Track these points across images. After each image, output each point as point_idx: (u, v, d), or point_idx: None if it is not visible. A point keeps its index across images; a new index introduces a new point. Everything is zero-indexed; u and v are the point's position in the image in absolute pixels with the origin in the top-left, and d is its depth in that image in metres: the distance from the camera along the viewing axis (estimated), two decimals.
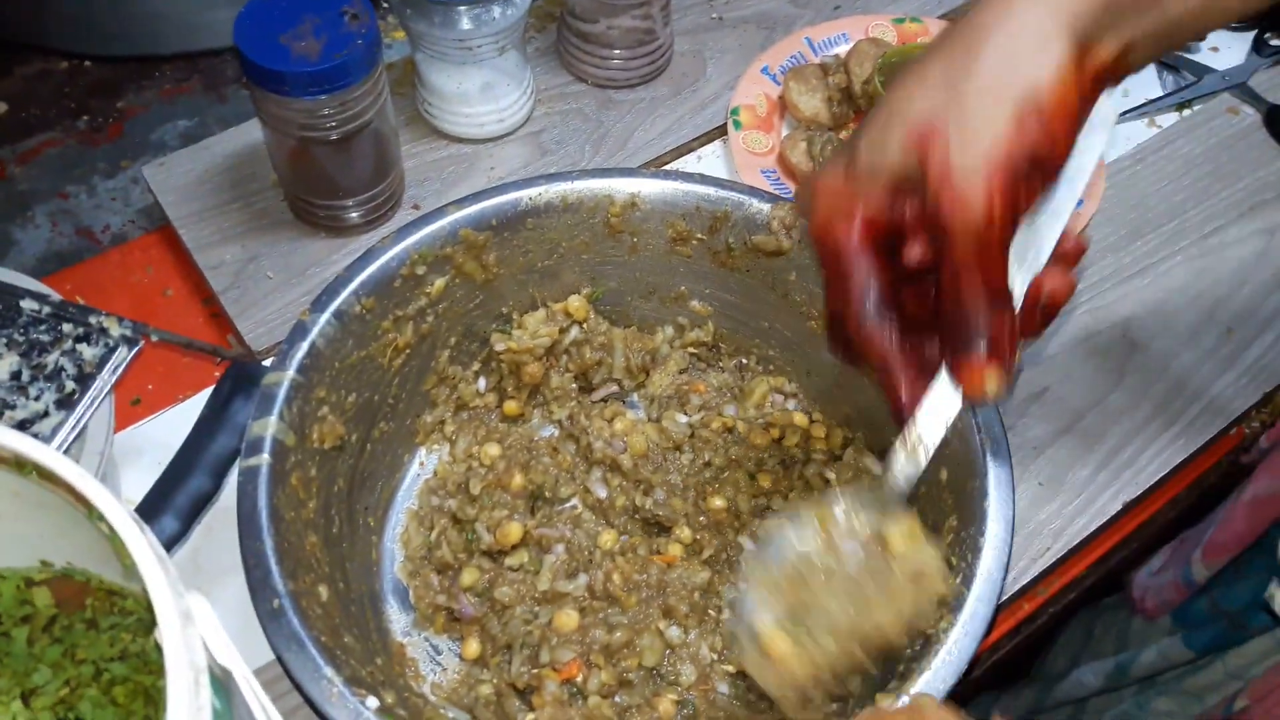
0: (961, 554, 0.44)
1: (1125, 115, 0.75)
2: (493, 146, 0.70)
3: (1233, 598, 0.58)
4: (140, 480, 0.53)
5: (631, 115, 0.73)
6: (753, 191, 0.54)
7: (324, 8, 0.57)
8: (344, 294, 0.50)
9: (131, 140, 0.74)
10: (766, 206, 0.54)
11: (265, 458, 0.44)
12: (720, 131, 0.72)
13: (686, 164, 0.71)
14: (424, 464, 0.56)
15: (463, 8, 0.63)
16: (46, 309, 0.52)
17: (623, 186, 0.55)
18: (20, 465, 0.33)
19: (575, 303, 0.57)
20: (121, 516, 0.30)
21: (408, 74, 0.71)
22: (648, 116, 0.73)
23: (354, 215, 0.65)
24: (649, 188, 0.55)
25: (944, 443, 0.47)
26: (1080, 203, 0.45)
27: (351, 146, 0.61)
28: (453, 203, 0.53)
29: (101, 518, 0.31)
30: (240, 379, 0.49)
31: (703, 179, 0.55)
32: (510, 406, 0.57)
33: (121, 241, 0.69)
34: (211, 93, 0.77)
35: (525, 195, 0.54)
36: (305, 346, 0.48)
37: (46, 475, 0.32)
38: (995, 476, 0.45)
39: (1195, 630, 0.60)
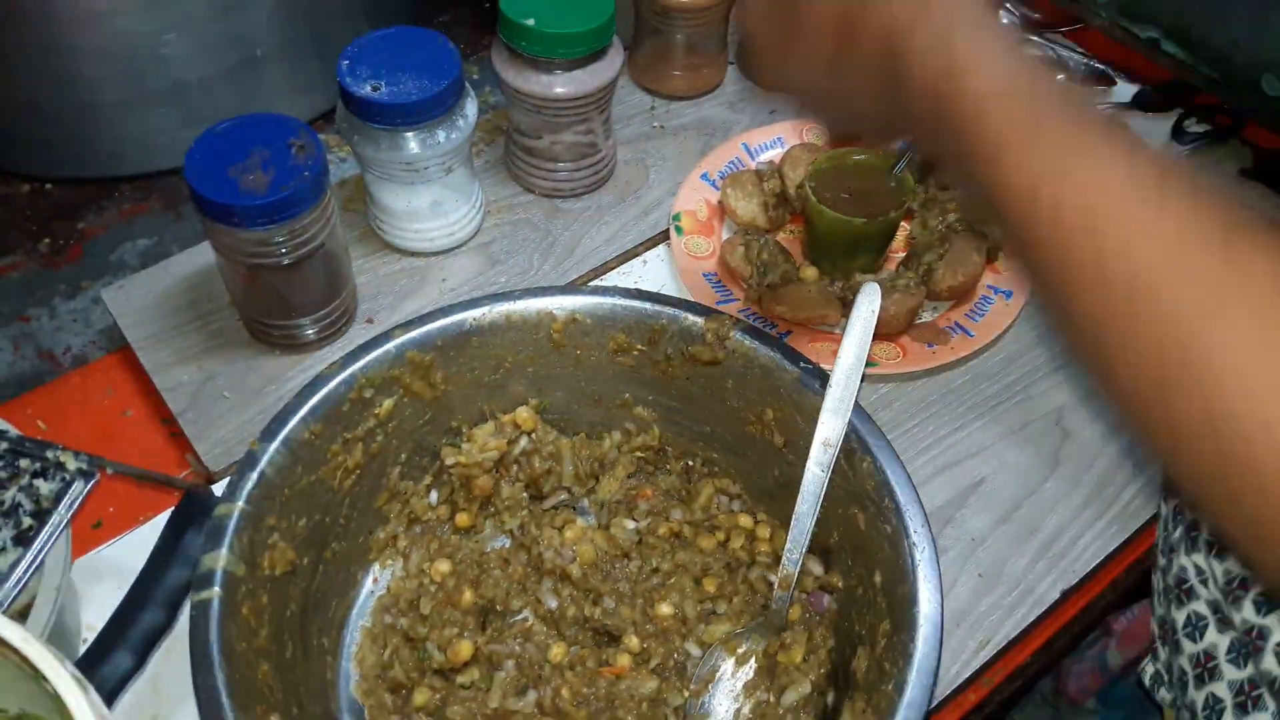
0: (894, 660, 0.46)
1: None
2: (444, 259, 0.73)
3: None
4: (104, 602, 0.54)
5: (579, 223, 0.75)
6: (687, 305, 0.57)
7: (271, 140, 0.60)
8: (292, 422, 0.51)
9: (92, 261, 0.76)
10: (700, 319, 0.56)
11: (216, 590, 0.46)
12: (664, 236, 0.75)
13: (632, 268, 0.74)
14: (378, 579, 0.57)
15: (409, 133, 0.65)
16: (3, 445, 0.53)
17: (563, 304, 0.57)
18: None
19: (523, 414, 0.59)
20: (65, 681, 0.31)
21: (358, 191, 0.74)
22: (594, 224, 0.75)
23: (309, 332, 0.67)
24: (589, 304, 0.57)
25: (877, 547, 0.50)
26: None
27: (303, 268, 0.63)
28: (398, 326, 0.55)
29: (47, 679, 0.32)
30: (192, 509, 0.50)
31: (639, 294, 0.57)
32: (462, 518, 0.59)
33: (82, 363, 0.70)
34: (169, 211, 0.79)
35: (469, 316, 0.56)
36: (254, 476, 0.49)
37: None
38: (924, 579, 0.47)
39: (1115, 711, 0.61)
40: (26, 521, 0.51)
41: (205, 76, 0.77)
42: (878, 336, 0.59)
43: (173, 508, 0.56)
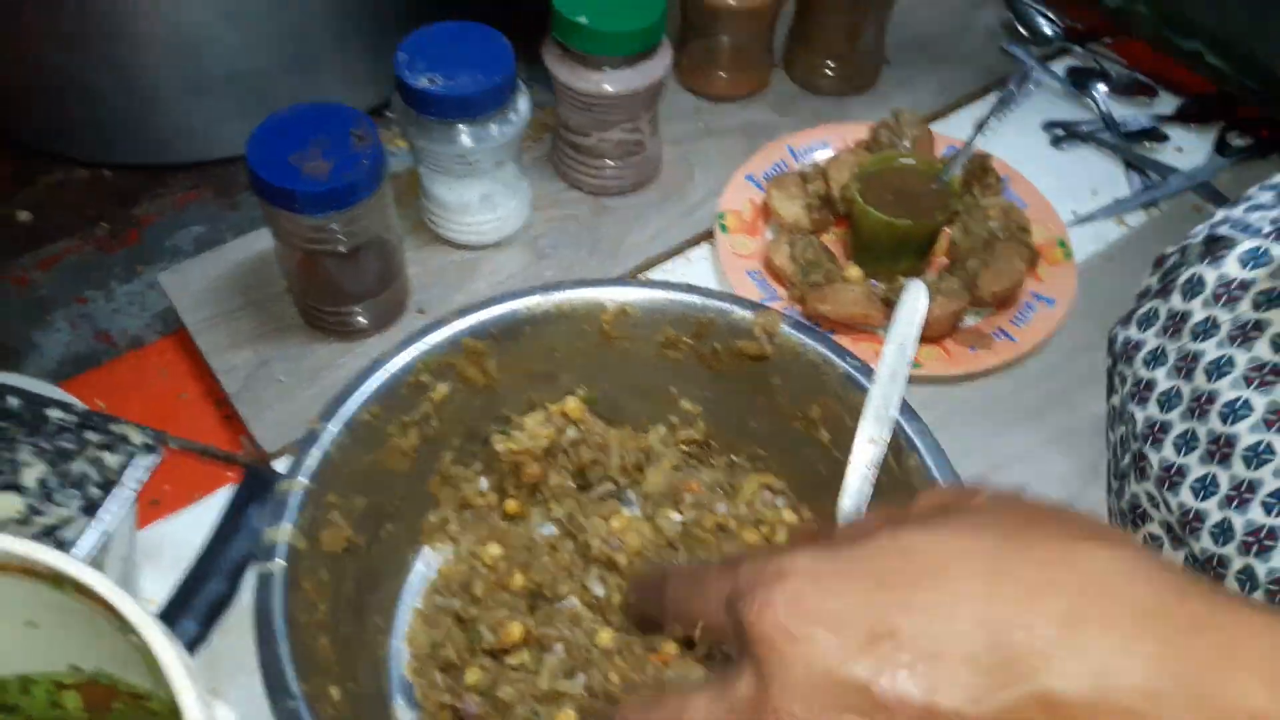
0: None
1: (1094, 214, 0.79)
2: (493, 252, 0.74)
3: None
4: (159, 578, 0.55)
5: (623, 220, 0.76)
6: (736, 300, 0.58)
7: (332, 129, 0.61)
8: (353, 402, 0.53)
9: (147, 246, 0.78)
10: (749, 314, 0.57)
11: (280, 563, 0.47)
12: (708, 235, 0.76)
13: (676, 265, 0.75)
14: (429, 563, 0.58)
15: (462, 126, 0.67)
16: (72, 418, 0.55)
17: (614, 296, 0.58)
18: (58, 580, 0.35)
19: (572, 404, 0.60)
20: (154, 632, 0.32)
21: (412, 184, 0.75)
22: (639, 221, 0.76)
23: (361, 320, 0.68)
24: (638, 297, 0.58)
25: None
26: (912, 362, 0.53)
27: (358, 257, 0.64)
28: (454, 313, 0.56)
29: (134, 631, 0.33)
30: (254, 485, 0.51)
31: (689, 288, 0.58)
32: (511, 505, 0.60)
33: (138, 345, 0.72)
34: (223, 199, 0.81)
35: (523, 305, 0.57)
36: (316, 454, 0.51)
37: (83, 590, 0.35)
38: None
39: None
40: (94, 492, 0.53)
41: (262, 68, 0.78)
42: (922, 339, 0.59)
43: (228, 485, 0.57)
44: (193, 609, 0.47)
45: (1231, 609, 0.28)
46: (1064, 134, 0.84)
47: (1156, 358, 0.53)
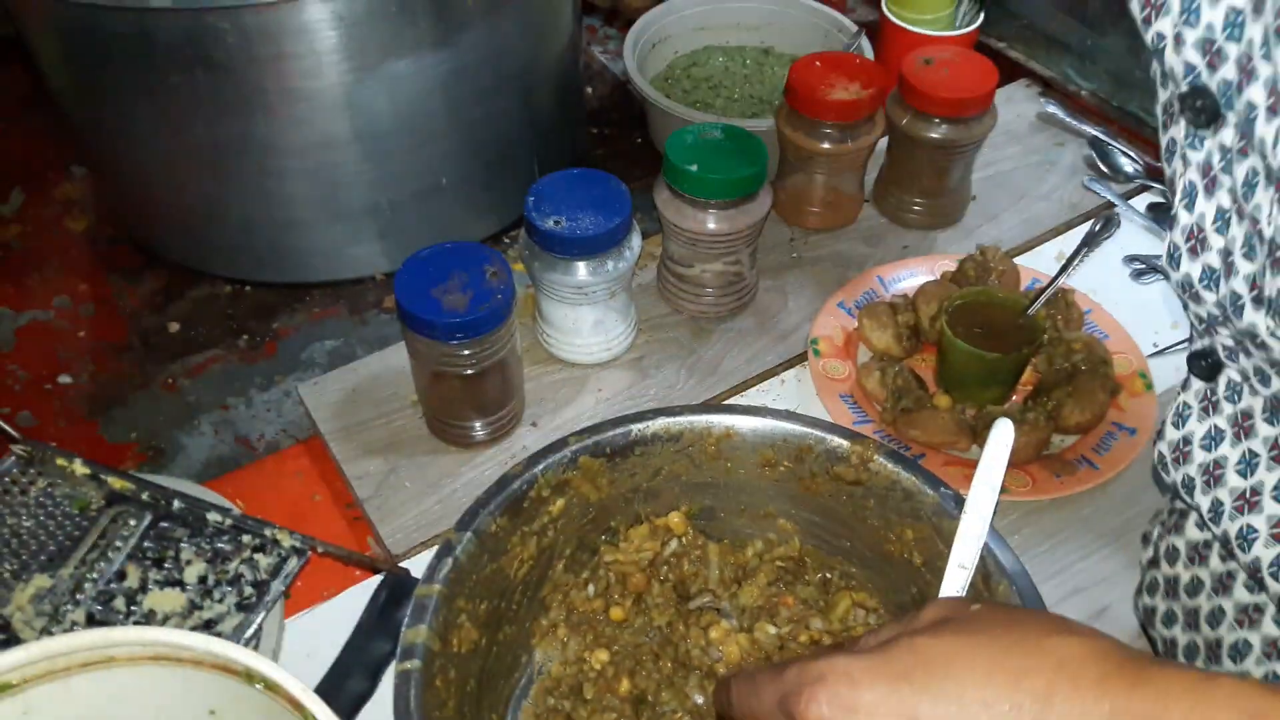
0: None
1: (1173, 347, 0.82)
2: (601, 370, 0.80)
3: None
4: (294, 668, 0.61)
5: (722, 343, 0.82)
6: (834, 428, 0.62)
7: (469, 264, 0.68)
8: (483, 515, 0.58)
9: (284, 357, 0.85)
10: (846, 442, 0.61)
11: (417, 663, 0.52)
12: (801, 358, 0.81)
13: (771, 386, 0.80)
14: (539, 665, 0.63)
15: (582, 262, 0.73)
16: (229, 522, 0.61)
17: (720, 421, 0.63)
18: (249, 676, 0.40)
19: (675, 519, 0.65)
20: None
21: (528, 305, 0.82)
22: (736, 344, 0.82)
23: (480, 433, 0.74)
24: (743, 423, 0.63)
25: None
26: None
27: (484, 377, 0.70)
28: (573, 434, 0.62)
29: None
30: (394, 589, 0.57)
31: (789, 415, 0.63)
32: (616, 612, 0.64)
33: (275, 449, 0.79)
34: (355, 316, 0.88)
35: (635, 428, 0.62)
36: (450, 562, 0.56)
37: (271, 687, 0.40)
38: None
39: None
40: (248, 590, 0.58)
41: (395, 199, 0.86)
42: (1008, 465, 0.63)
43: (358, 585, 0.63)
44: (339, 702, 0.52)
45: (1167, 673, 0.36)
46: (1144, 268, 0.88)
47: (1168, 618, 0.60)
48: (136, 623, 0.57)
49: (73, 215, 0.97)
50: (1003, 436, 0.57)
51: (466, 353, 0.67)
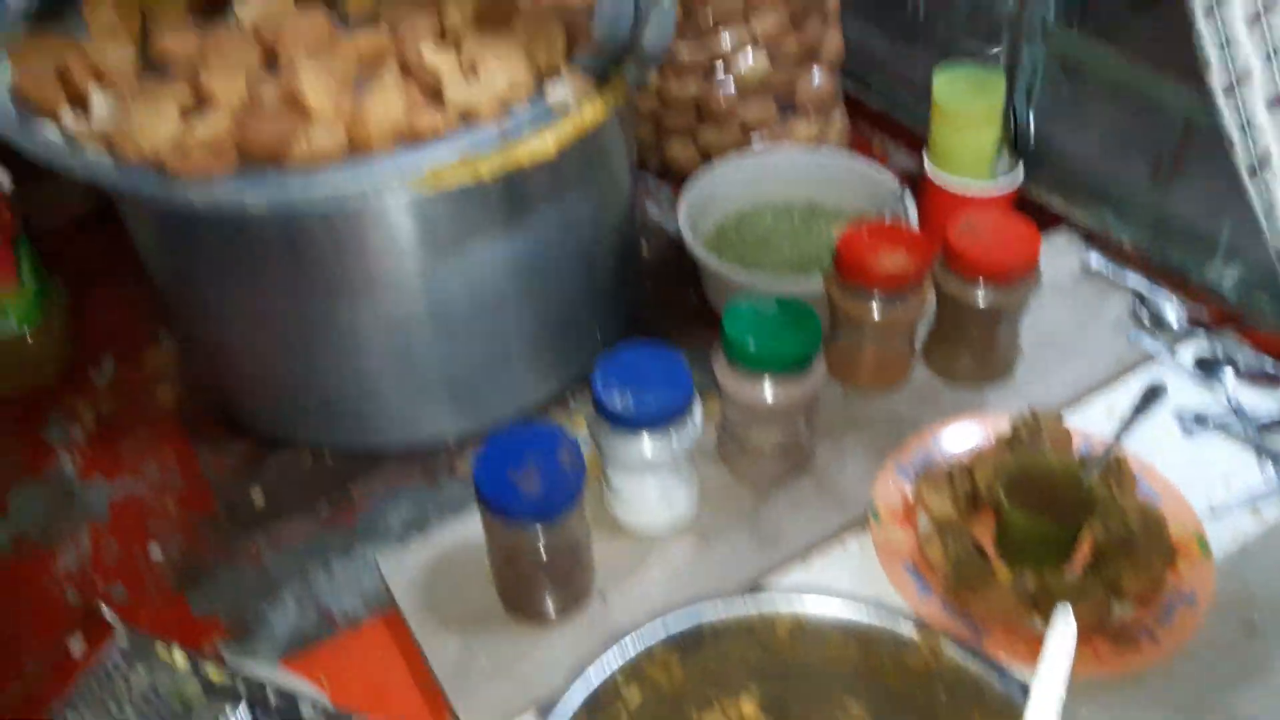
0: None
1: (1229, 507, 0.83)
2: (666, 538, 0.82)
3: None
4: None
5: (782, 509, 0.84)
6: (900, 615, 0.64)
7: (543, 448, 0.72)
8: (566, 709, 0.60)
9: (362, 525, 0.89)
10: (913, 632, 0.63)
11: None
12: (862, 521, 0.83)
13: (833, 553, 0.82)
14: None
15: (646, 435, 0.77)
16: (320, 716, 0.64)
17: (790, 608, 0.65)
18: None
19: (746, 705, 0.67)
20: None
21: (595, 471, 0.85)
22: (797, 510, 0.84)
23: (552, 608, 0.77)
24: (812, 609, 0.65)
25: None
26: None
27: (556, 556, 0.73)
28: (650, 625, 0.64)
29: None
30: None
31: (855, 601, 0.65)
32: None
33: (354, 621, 0.82)
34: (428, 480, 0.92)
35: (706, 617, 0.65)
36: None
37: None
38: None
39: None
40: None
41: (466, 370, 0.91)
42: None
43: None
44: None
45: None
46: (1194, 422, 0.89)
47: None
48: None
49: (161, 385, 1.03)
50: (1064, 629, 0.59)
51: (540, 534, 0.71)
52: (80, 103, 0.79)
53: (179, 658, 0.67)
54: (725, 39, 1.13)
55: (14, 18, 0.90)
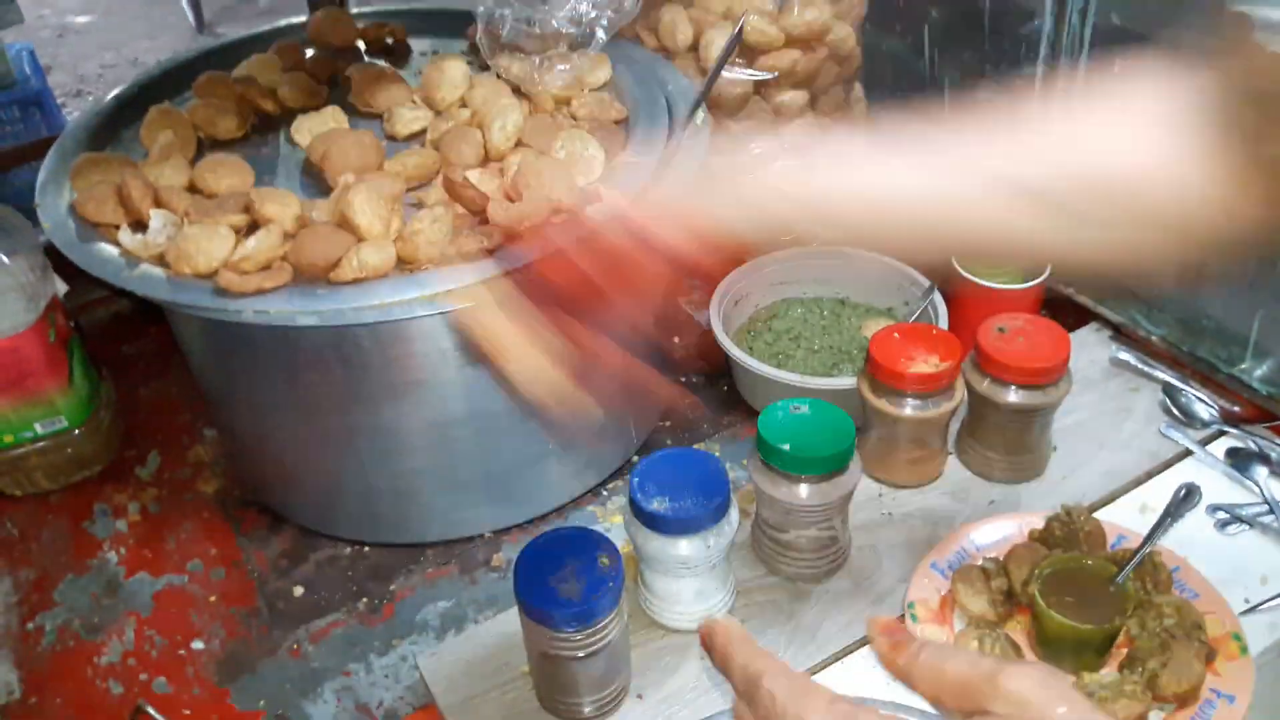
0: None
1: (1266, 604, 0.83)
2: None
3: None
4: None
5: (819, 606, 0.85)
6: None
7: (582, 553, 0.73)
8: None
9: (401, 619, 0.90)
10: None
11: None
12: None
13: (872, 655, 0.82)
14: None
15: (683, 539, 0.78)
16: None
17: None
18: None
19: None
20: None
21: (631, 569, 0.86)
22: (834, 607, 0.85)
23: (589, 709, 0.77)
24: None
25: None
26: None
27: (593, 657, 0.74)
28: None
29: None
30: None
31: (899, 707, 0.66)
32: None
33: (393, 717, 0.82)
34: (466, 576, 0.93)
35: None
36: None
37: None
38: None
39: None
40: None
41: (504, 467, 0.92)
42: None
43: None
44: None
45: None
46: (1228, 518, 0.89)
47: None
48: None
49: (204, 478, 1.05)
50: None
51: (579, 638, 0.72)
52: (137, 221, 0.83)
53: None
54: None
55: (75, 138, 0.95)
